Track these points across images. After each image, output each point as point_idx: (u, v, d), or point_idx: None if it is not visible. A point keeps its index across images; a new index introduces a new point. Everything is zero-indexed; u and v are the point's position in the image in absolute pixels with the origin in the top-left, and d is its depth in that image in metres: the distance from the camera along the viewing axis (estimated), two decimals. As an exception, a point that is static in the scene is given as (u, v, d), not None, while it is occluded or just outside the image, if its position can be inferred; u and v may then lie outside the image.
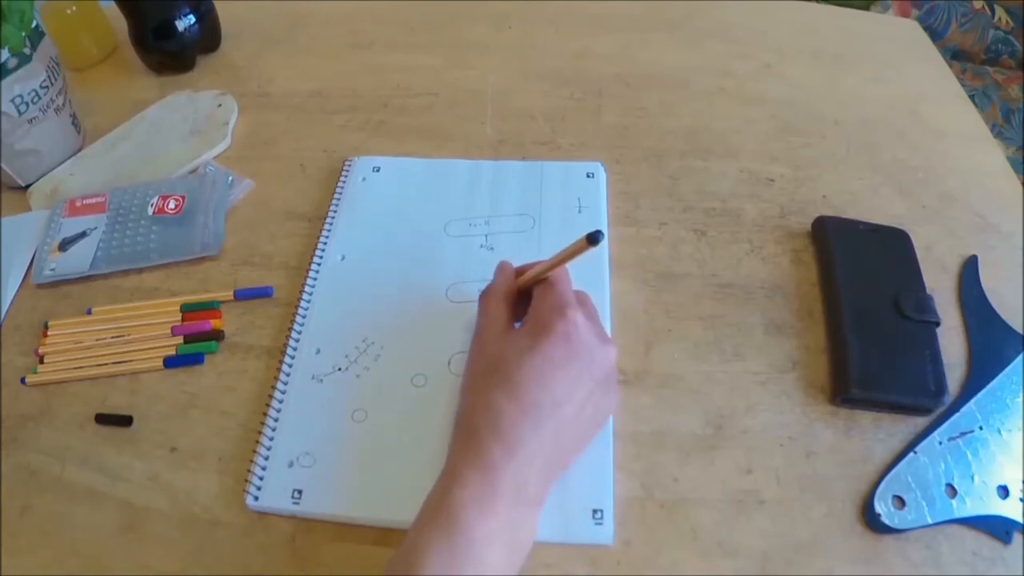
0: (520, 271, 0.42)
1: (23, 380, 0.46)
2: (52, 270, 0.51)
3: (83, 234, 0.53)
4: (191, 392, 0.45)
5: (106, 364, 0.46)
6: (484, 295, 0.41)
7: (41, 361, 0.47)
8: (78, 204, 0.55)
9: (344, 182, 0.56)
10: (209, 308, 0.49)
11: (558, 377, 0.34)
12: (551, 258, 0.38)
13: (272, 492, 0.39)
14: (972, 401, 0.42)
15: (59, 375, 0.46)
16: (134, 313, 0.49)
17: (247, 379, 0.45)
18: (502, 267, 0.43)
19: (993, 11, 1.39)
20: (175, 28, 0.65)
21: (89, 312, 0.49)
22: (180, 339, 0.47)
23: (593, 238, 0.34)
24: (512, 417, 0.33)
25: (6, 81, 0.52)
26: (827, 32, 0.72)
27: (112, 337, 0.47)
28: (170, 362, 0.46)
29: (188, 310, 0.48)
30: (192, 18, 0.66)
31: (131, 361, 0.46)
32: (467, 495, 0.32)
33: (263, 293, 0.50)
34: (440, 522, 0.31)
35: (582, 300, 0.39)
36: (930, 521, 0.38)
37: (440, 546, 0.30)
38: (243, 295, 0.49)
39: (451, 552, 0.30)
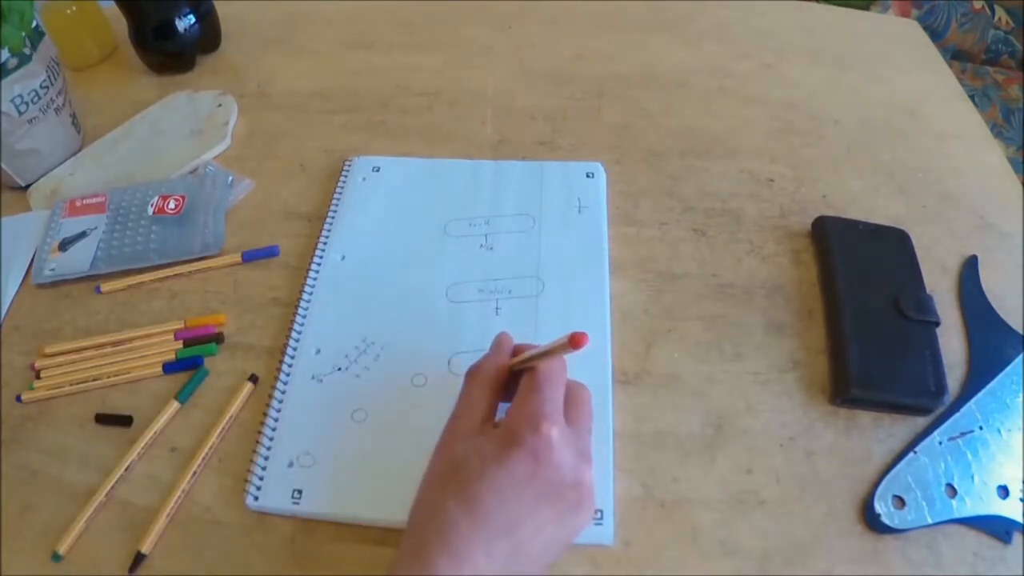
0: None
1: (19, 398, 0.45)
2: (52, 270, 0.51)
3: (83, 234, 0.53)
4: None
5: (101, 378, 0.45)
6: (470, 375, 0.37)
7: (38, 376, 0.46)
8: (78, 204, 0.55)
9: (344, 182, 0.56)
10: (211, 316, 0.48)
11: (519, 496, 0.31)
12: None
13: (272, 492, 0.39)
14: (972, 401, 0.42)
15: (53, 392, 0.45)
16: (133, 335, 0.48)
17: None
18: (499, 342, 0.38)
19: (993, 11, 1.39)
20: (175, 28, 0.65)
21: (98, 291, 0.50)
22: (180, 344, 0.47)
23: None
24: (463, 531, 0.31)
25: (6, 81, 0.52)
26: (827, 32, 0.72)
27: (112, 345, 0.47)
28: (169, 367, 0.46)
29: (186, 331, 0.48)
30: (192, 18, 0.66)
31: (129, 372, 0.46)
32: None
33: (270, 253, 0.51)
34: None
35: (574, 401, 0.35)
36: (930, 521, 0.38)
37: None
38: (251, 256, 0.51)
39: None
